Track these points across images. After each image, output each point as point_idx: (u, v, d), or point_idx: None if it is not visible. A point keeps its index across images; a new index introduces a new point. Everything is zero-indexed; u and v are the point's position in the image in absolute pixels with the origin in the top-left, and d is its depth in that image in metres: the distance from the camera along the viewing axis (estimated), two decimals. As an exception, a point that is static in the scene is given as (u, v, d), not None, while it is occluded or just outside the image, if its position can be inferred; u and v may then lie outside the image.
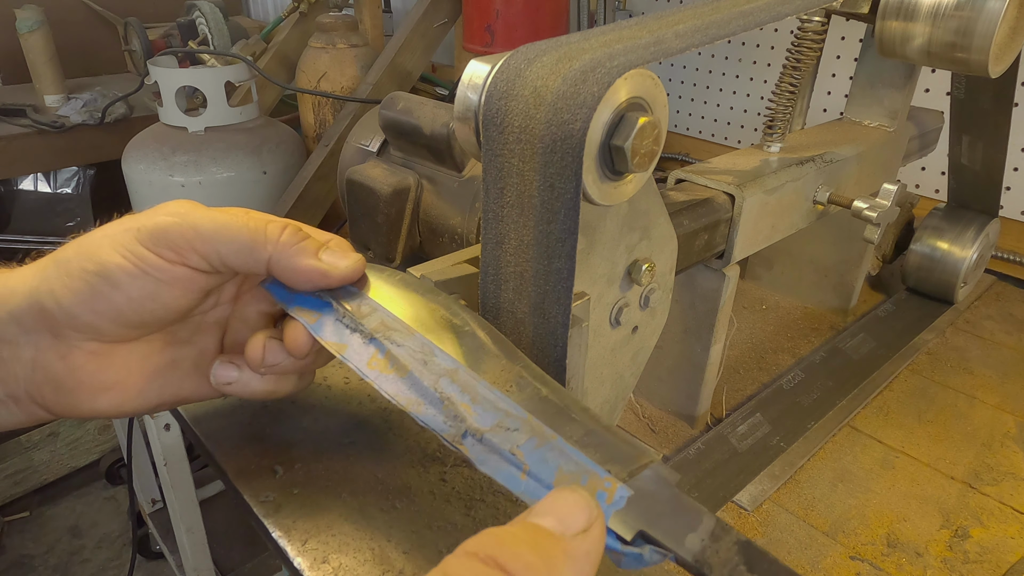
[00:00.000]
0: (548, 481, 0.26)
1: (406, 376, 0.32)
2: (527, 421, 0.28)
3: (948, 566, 0.48)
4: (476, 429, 0.29)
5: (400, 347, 0.32)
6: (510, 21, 1.12)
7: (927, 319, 0.77)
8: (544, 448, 0.27)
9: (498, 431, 0.28)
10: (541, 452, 0.27)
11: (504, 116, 0.33)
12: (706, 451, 0.57)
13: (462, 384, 0.31)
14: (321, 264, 0.34)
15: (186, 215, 0.33)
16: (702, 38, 0.37)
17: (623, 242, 0.41)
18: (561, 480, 0.26)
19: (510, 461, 0.27)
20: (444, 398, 0.30)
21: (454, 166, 0.69)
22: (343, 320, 0.34)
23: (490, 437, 0.28)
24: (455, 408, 0.30)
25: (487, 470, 0.28)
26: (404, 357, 0.32)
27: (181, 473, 1.10)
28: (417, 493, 0.41)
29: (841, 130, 0.66)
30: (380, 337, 0.33)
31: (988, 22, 0.50)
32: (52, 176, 1.82)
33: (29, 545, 1.69)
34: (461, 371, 0.31)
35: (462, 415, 0.30)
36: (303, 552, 0.36)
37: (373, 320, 0.34)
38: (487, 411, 0.29)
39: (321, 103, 1.28)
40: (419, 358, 0.32)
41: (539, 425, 0.28)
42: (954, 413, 0.63)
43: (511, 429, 0.28)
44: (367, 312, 0.34)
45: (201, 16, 1.64)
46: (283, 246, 0.34)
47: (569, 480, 0.26)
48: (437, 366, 0.31)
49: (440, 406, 0.30)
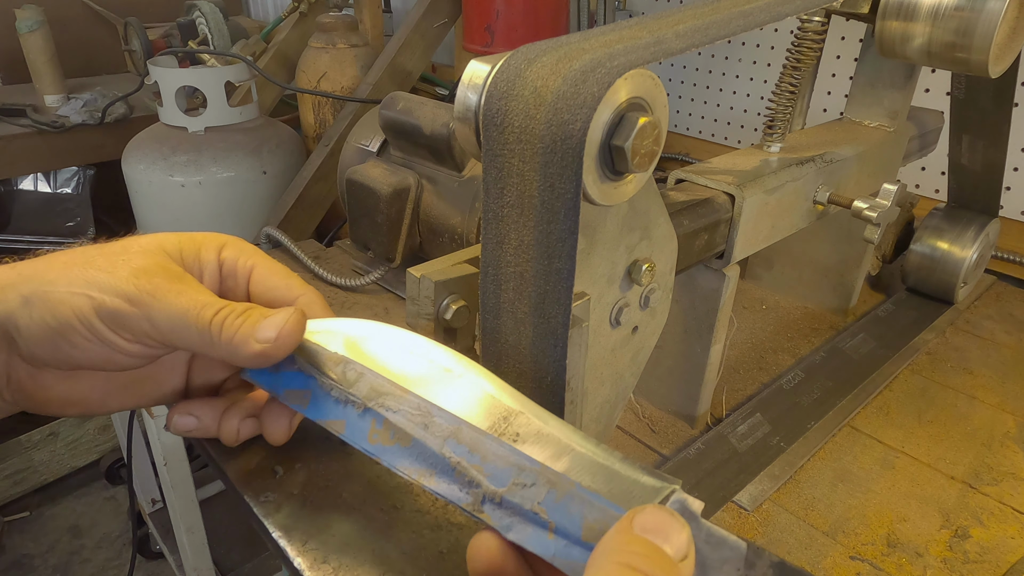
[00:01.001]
0: (577, 536, 0.25)
1: (410, 445, 0.31)
2: (541, 472, 0.27)
3: (948, 566, 0.48)
4: (493, 492, 0.28)
5: (396, 413, 0.31)
6: (510, 21, 1.12)
7: (927, 319, 0.77)
8: (565, 499, 0.26)
9: (515, 490, 0.27)
10: (563, 505, 0.26)
11: (504, 116, 0.33)
12: (706, 451, 0.57)
13: (469, 444, 0.29)
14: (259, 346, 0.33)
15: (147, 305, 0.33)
16: (702, 38, 0.37)
17: (623, 242, 0.41)
18: (589, 531, 0.25)
19: (534, 521, 0.26)
20: (454, 464, 0.29)
21: (454, 166, 0.69)
22: (332, 393, 0.33)
23: (509, 498, 0.27)
24: (467, 473, 0.29)
25: (515, 538, 0.27)
26: (403, 424, 0.31)
27: (181, 473, 1.10)
28: (417, 493, 0.41)
29: (841, 130, 0.66)
30: (374, 405, 0.32)
31: (988, 22, 0.50)
32: (52, 176, 1.82)
33: (29, 545, 1.69)
34: (464, 428, 0.29)
35: (476, 480, 0.28)
36: (303, 552, 0.36)
37: (363, 387, 0.32)
38: (500, 469, 0.28)
39: (321, 103, 1.28)
40: (419, 422, 0.31)
41: (555, 474, 0.27)
42: (954, 413, 0.64)
43: (528, 485, 0.27)
44: (354, 378, 0.33)
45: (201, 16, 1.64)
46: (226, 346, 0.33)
47: (598, 529, 0.25)
48: (439, 428, 0.30)
49: (452, 473, 0.29)
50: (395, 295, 0.76)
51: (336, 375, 0.33)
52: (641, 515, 0.24)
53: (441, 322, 0.39)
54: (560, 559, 0.25)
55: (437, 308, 0.39)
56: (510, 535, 0.27)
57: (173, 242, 0.37)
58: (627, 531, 0.23)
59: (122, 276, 0.33)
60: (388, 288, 0.77)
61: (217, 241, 0.38)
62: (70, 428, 1.72)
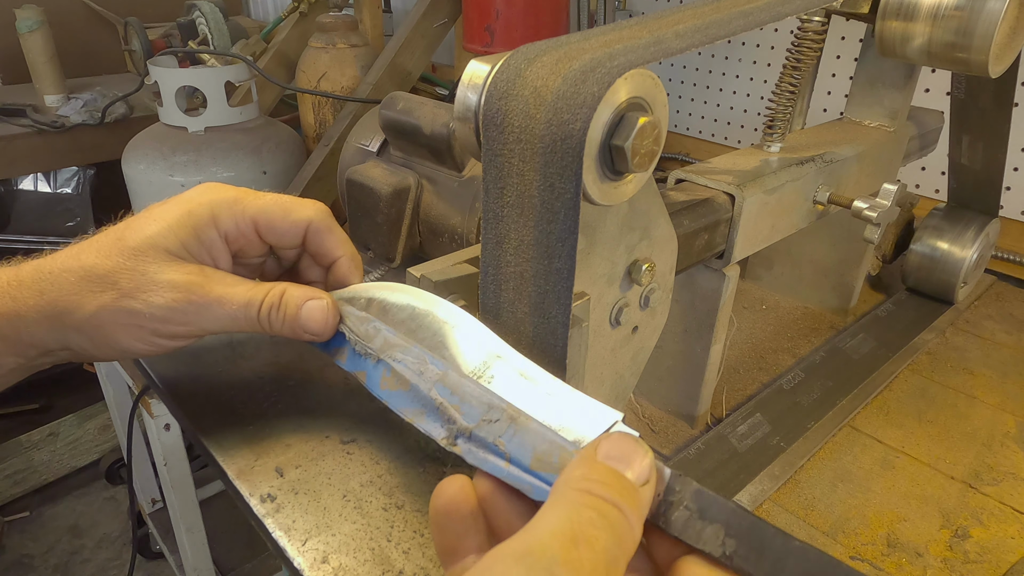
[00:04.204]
0: (526, 464, 0.28)
1: (409, 389, 0.35)
2: (506, 409, 0.31)
3: (948, 566, 0.48)
4: (465, 428, 0.32)
5: (400, 363, 0.36)
6: (510, 21, 1.12)
7: (927, 319, 0.77)
8: (521, 433, 0.30)
9: (483, 425, 0.31)
10: (519, 438, 0.29)
11: (504, 116, 0.33)
12: (706, 451, 0.57)
13: (452, 386, 0.33)
14: (309, 336, 0.40)
15: (197, 299, 0.38)
16: (702, 38, 0.37)
17: (623, 242, 0.41)
18: (536, 461, 0.28)
19: (495, 452, 0.30)
20: (438, 404, 0.33)
21: (454, 166, 0.69)
22: (356, 348, 0.39)
23: (477, 432, 0.31)
24: (447, 412, 0.33)
25: (474, 462, 0.30)
26: (405, 372, 0.35)
27: (181, 473, 1.10)
28: (417, 493, 0.41)
29: (841, 130, 0.66)
30: (385, 357, 0.37)
31: (988, 22, 0.50)
32: (52, 176, 1.82)
33: (29, 545, 1.69)
34: (450, 373, 0.34)
35: (453, 417, 0.32)
36: (303, 552, 0.36)
37: (378, 341, 0.38)
38: (472, 408, 0.32)
39: (321, 103, 1.28)
40: (416, 369, 0.35)
41: (516, 411, 0.30)
42: (954, 413, 0.63)
43: (493, 421, 0.31)
44: (372, 334, 0.38)
45: (201, 16, 1.64)
46: (280, 333, 0.40)
47: (543, 459, 0.28)
48: (431, 373, 0.34)
49: (436, 413, 0.33)
50: (395, 295, 0.75)
51: (361, 332, 0.39)
52: (605, 442, 0.25)
53: (441, 322, 0.39)
54: (513, 482, 0.28)
55: (437, 308, 0.39)
56: (472, 461, 0.30)
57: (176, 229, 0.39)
58: (591, 459, 0.25)
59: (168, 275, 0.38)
60: (388, 288, 0.77)
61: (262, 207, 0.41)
62: (70, 428, 1.72)
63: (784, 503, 0.53)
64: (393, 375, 0.36)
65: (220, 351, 0.52)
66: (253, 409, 0.46)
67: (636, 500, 0.24)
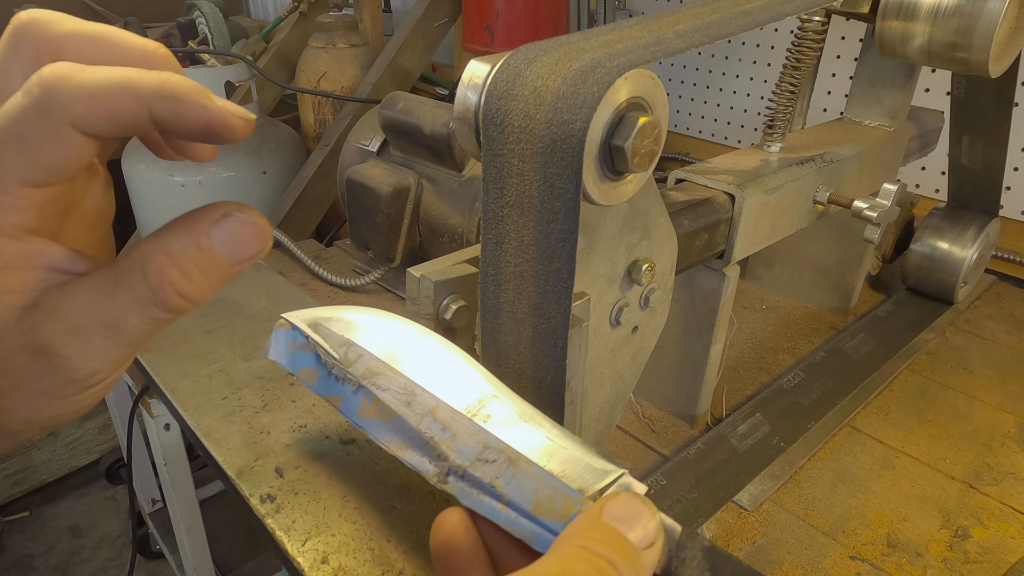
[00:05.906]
0: (526, 509, 0.27)
1: (393, 420, 0.34)
2: (504, 450, 0.30)
3: (948, 566, 0.48)
4: (458, 466, 0.30)
5: (385, 391, 0.34)
6: (510, 21, 1.12)
7: (927, 319, 0.77)
8: (521, 476, 0.28)
9: (479, 465, 0.30)
10: (519, 481, 0.28)
11: (504, 116, 0.33)
12: (706, 451, 0.57)
13: (444, 421, 0.32)
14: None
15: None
16: (702, 38, 0.36)
17: (623, 242, 0.41)
18: (537, 506, 0.27)
19: (491, 494, 0.29)
20: (428, 438, 0.32)
21: (454, 166, 0.69)
22: (333, 371, 0.36)
23: (471, 471, 0.30)
24: (438, 447, 0.31)
25: (468, 503, 0.29)
26: (390, 401, 0.34)
27: (181, 473, 1.09)
28: (417, 493, 0.41)
29: (841, 130, 0.66)
30: (367, 384, 0.35)
31: (988, 22, 0.50)
32: (52, 176, 1.81)
33: (29, 545, 1.69)
34: (441, 407, 0.32)
35: (444, 453, 0.31)
36: (303, 552, 0.36)
37: (360, 367, 0.36)
38: (467, 446, 0.31)
39: (321, 103, 1.28)
40: (403, 399, 0.34)
41: (515, 453, 0.29)
42: (954, 413, 0.63)
43: (490, 461, 0.30)
44: (354, 359, 0.36)
45: (201, 16, 1.64)
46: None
47: (544, 504, 0.27)
48: (420, 405, 0.33)
49: (425, 447, 0.32)
50: (395, 295, 0.76)
51: (339, 356, 0.36)
52: (611, 502, 0.25)
53: (441, 322, 0.39)
54: (510, 527, 0.27)
55: (437, 308, 0.39)
56: (466, 502, 0.29)
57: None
58: (594, 517, 0.24)
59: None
60: (388, 288, 0.77)
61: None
62: (70, 428, 1.72)
63: (784, 503, 0.53)
64: (375, 403, 0.35)
65: (221, 352, 0.52)
66: (253, 409, 0.46)
67: (636, 563, 0.23)
